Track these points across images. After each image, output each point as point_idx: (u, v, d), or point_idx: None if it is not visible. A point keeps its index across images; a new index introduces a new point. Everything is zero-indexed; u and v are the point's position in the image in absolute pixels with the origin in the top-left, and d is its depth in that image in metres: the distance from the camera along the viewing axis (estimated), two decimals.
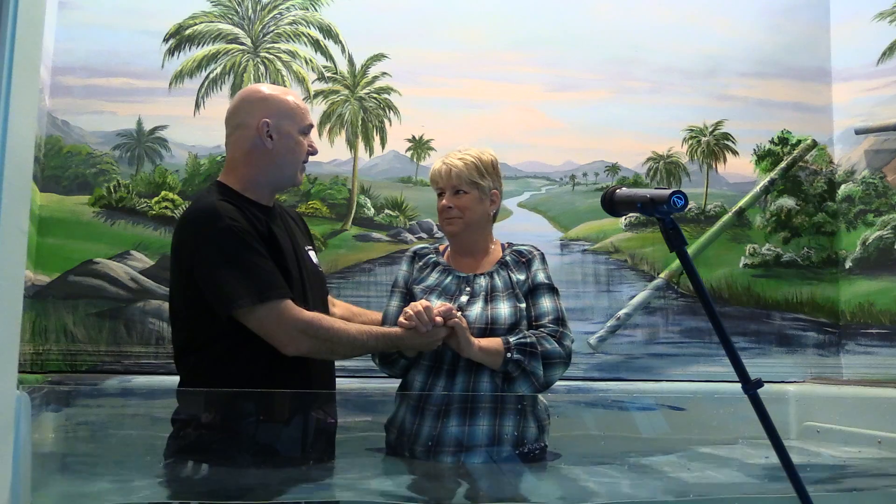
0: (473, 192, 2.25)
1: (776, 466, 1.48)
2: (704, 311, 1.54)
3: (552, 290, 2.25)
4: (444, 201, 2.26)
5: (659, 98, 3.62)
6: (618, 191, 1.64)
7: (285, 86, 3.43)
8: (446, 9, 3.56)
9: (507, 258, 2.29)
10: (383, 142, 3.50)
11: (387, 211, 3.48)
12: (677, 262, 1.94)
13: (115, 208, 3.30)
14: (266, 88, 2.15)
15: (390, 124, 3.51)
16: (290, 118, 2.10)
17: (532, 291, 2.23)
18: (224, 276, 1.91)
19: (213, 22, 3.44)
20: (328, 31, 3.49)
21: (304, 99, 3.41)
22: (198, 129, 3.38)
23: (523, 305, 2.19)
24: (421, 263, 2.34)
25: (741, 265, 3.59)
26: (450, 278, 2.26)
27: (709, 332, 3.33)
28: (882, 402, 2.89)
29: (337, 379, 2.23)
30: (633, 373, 3.42)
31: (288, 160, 2.10)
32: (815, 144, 3.67)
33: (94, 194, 3.29)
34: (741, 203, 3.63)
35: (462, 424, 2.07)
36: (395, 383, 2.50)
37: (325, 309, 2.18)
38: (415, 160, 3.52)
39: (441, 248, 2.39)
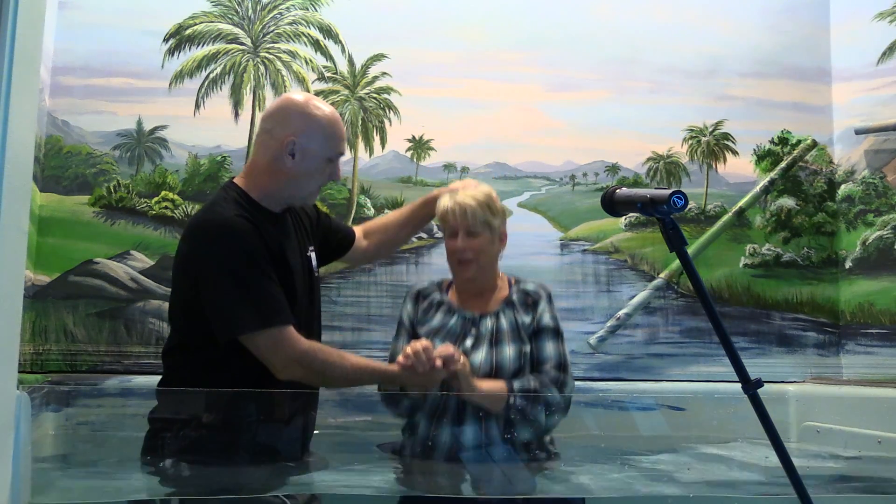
0: (486, 233, 2.21)
1: (776, 466, 1.49)
2: (704, 311, 1.54)
3: (557, 333, 2.22)
4: (458, 243, 2.20)
5: (659, 98, 3.62)
6: (618, 191, 1.64)
7: (285, 86, 3.44)
8: (446, 9, 3.56)
9: (514, 297, 2.26)
10: (383, 142, 3.51)
11: (387, 211, 3.48)
12: (677, 262, 1.94)
13: (115, 208, 3.30)
14: (305, 102, 2.10)
15: (390, 124, 3.51)
16: (320, 142, 2.05)
17: (536, 334, 2.20)
18: (228, 299, 1.91)
19: (213, 22, 3.44)
20: (328, 31, 3.49)
21: None
22: (198, 129, 3.38)
23: (528, 348, 2.18)
24: (425, 304, 2.30)
25: (741, 265, 3.59)
26: (455, 319, 2.24)
27: (709, 332, 3.33)
28: (882, 402, 2.89)
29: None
30: (633, 373, 3.42)
31: (304, 182, 2.08)
32: (815, 144, 3.67)
33: (94, 194, 3.29)
34: (741, 203, 3.63)
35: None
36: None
37: (318, 315, 2.18)
38: (415, 160, 3.52)
39: (445, 284, 2.35)
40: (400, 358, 2.00)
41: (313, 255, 2.22)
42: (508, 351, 2.15)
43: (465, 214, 2.18)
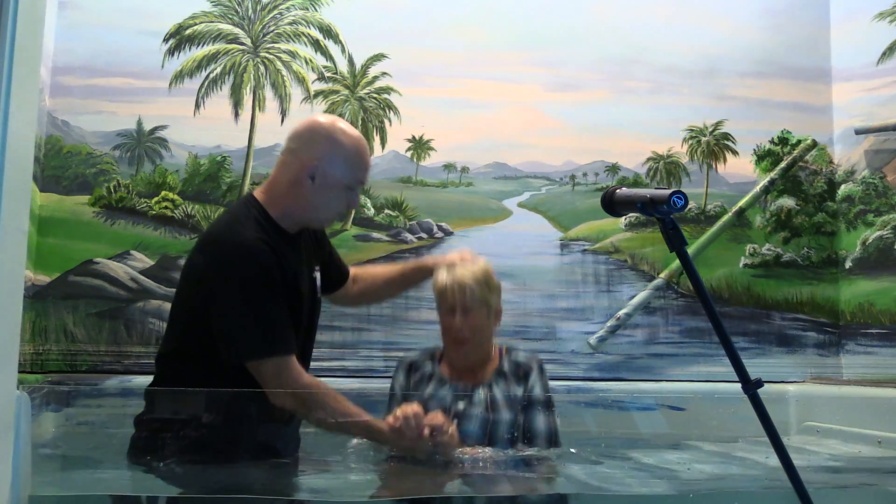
0: (483, 310, 2.19)
1: (776, 466, 1.48)
2: (704, 311, 1.53)
3: (548, 405, 2.20)
4: (456, 322, 2.17)
5: (659, 98, 3.62)
6: (618, 191, 1.64)
7: (285, 86, 3.44)
8: (446, 9, 3.56)
9: (505, 367, 2.25)
10: (383, 142, 3.51)
11: (387, 211, 3.49)
12: (677, 262, 1.94)
13: (115, 208, 3.30)
14: (332, 127, 2.07)
15: (390, 124, 3.51)
16: (342, 168, 2.04)
17: (528, 406, 2.19)
18: (240, 323, 1.91)
19: (213, 22, 3.44)
20: (328, 31, 3.49)
21: (303, 99, 3.44)
22: (198, 129, 3.38)
23: (520, 419, 2.16)
24: (417, 376, 2.28)
25: (741, 265, 3.59)
26: (446, 390, 2.21)
27: (709, 332, 3.33)
28: (882, 402, 2.89)
29: (337, 379, 2.24)
30: (633, 373, 3.42)
31: (321, 207, 2.07)
32: (815, 144, 3.67)
33: (94, 194, 3.29)
34: (741, 203, 3.63)
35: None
36: None
37: (314, 335, 2.19)
38: (415, 160, 3.52)
39: (437, 354, 2.32)
40: (390, 419, 1.97)
41: (318, 275, 2.21)
42: (501, 423, 2.15)
43: (464, 293, 2.16)
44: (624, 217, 3.52)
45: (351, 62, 3.50)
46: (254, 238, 1.95)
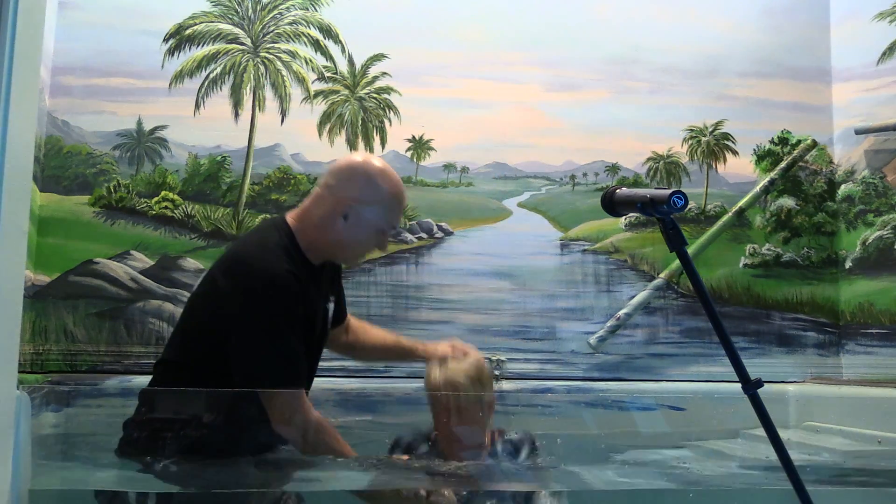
0: (476, 407, 2.18)
1: (776, 466, 1.49)
2: (704, 311, 1.54)
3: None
4: (450, 422, 2.16)
5: (659, 98, 3.62)
6: (618, 191, 1.64)
7: (285, 86, 3.44)
8: (446, 9, 3.56)
9: (498, 448, 2.24)
10: (383, 142, 3.51)
11: None
12: (677, 262, 1.94)
13: (115, 208, 3.30)
14: (373, 168, 2.05)
15: (390, 124, 3.51)
16: (376, 213, 2.03)
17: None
18: (258, 353, 1.91)
19: (213, 22, 3.44)
20: (328, 31, 3.49)
21: (303, 99, 3.44)
22: (198, 129, 3.38)
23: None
24: (415, 451, 2.26)
25: (741, 265, 3.59)
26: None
27: (709, 332, 3.31)
28: (882, 402, 2.89)
29: (337, 379, 2.24)
30: (633, 373, 3.42)
31: (349, 247, 2.07)
32: (815, 144, 3.67)
33: (94, 194, 3.29)
34: (741, 203, 3.63)
35: None
36: (395, 383, 2.51)
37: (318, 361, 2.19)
38: (415, 160, 3.52)
39: (431, 436, 2.27)
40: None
41: (331, 307, 2.20)
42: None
43: (458, 395, 2.16)
44: (624, 217, 3.52)
45: (351, 62, 3.50)
46: (283, 269, 1.93)
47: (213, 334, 1.94)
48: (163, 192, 3.34)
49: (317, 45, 3.49)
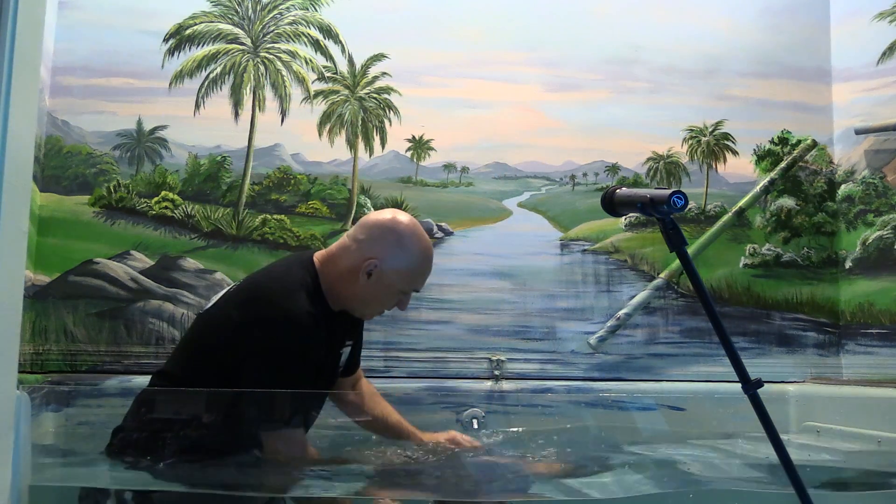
0: None
1: (776, 466, 1.49)
2: (704, 311, 1.54)
3: None
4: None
5: (659, 98, 3.62)
6: (618, 191, 1.64)
7: (285, 86, 3.44)
8: (446, 9, 3.56)
9: None
10: (383, 142, 3.51)
11: None
12: (677, 262, 1.94)
13: (115, 208, 3.30)
14: (405, 230, 2.04)
15: (390, 124, 3.51)
16: (401, 275, 2.03)
17: None
18: (265, 386, 1.90)
19: (213, 22, 3.44)
20: (328, 31, 3.49)
21: (303, 99, 3.44)
22: (198, 129, 3.38)
23: None
24: None
25: (741, 265, 3.59)
26: None
27: (709, 332, 3.32)
28: (882, 402, 2.89)
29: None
30: (633, 373, 3.42)
31: (368, 302, 2.06)
32: (815, 144, 3.67)
33: (94, 194, 3.29)
34: (741, 203, 3.63)
35: None
36: (395, 383, 2.50)
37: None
38: (415, 160, 3.52)
39: None
40: None
41: (346, 353, 2.19)
42: None
43: None
44: (624, 217, 3.52)
45: (351, 62, 3.50)
46: (304, 309, 1.93)
47: (223, 359, 1.94)
48: (163, 192, 3.34)
49: (317, 45, 3.49)
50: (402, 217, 2.10)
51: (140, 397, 2.08)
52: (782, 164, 3.64)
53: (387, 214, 2.10)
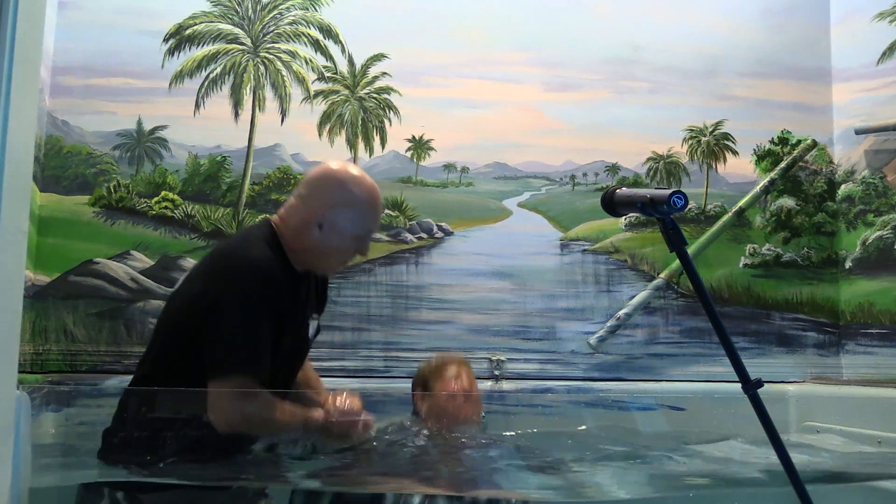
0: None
1: (776, 466, 1.49)
2: (704, 311, 1.54)
3: None
4: (463, 381, 2.37)
5: (659, 98, 3.62)
6: (618, 191, 1.64)
7: (285, 86, 3.43)
8: (446, 9, 3.56)
9: None
10: (383, 142, 3.50)
11: (387, 211, 3.48)
12: (677, 262, 1.94)
13: (115, 208, 3.30)
14: (346, 175, 2.06)
15: (390, 124, 3.51)
16: (351, 219, 2.03)
17: None
18: (226, 330, 1.89)
19: (213, 22, 3.43)
20: (328, 31, 3.49)
21: (303, 99, 3.44)
22: (198, 129, 3.38)
23: None
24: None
25: (741, 265, 3.59)
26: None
27: (709, 332, 3.31)
28: (882, 402, 2.89)
29: (337, 379, 2.23)
30: (633, 373, 3.42)
31: (327, 255, 2.06)
32: (815, 144, 3.67)
33: (94, 194, 3.29)
34: (741, 203, 3.63)
35: None
36: (395, 383, 2.49)
37: (290, 381, 2.17)
38: (415, 160, 3.52)
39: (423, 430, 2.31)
40: (328, 405, 1.99)
41: (315, 324, 2.19)
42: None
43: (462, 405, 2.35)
44: (624, 217, 3.52)
45: (351, 62, 3.50)
46: (264, 257, 1.94)
47: (191, 324, 1.93)
48: (163, 192, 3.34)
49: (317, 45, 3.49)
50: (340, 165, 2.15)
51: (123, 397, 2.08)
52: (782, 164, 3.64)
53: (325, 166, 2.13)
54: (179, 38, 3.40)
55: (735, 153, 3.65)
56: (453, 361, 2.43)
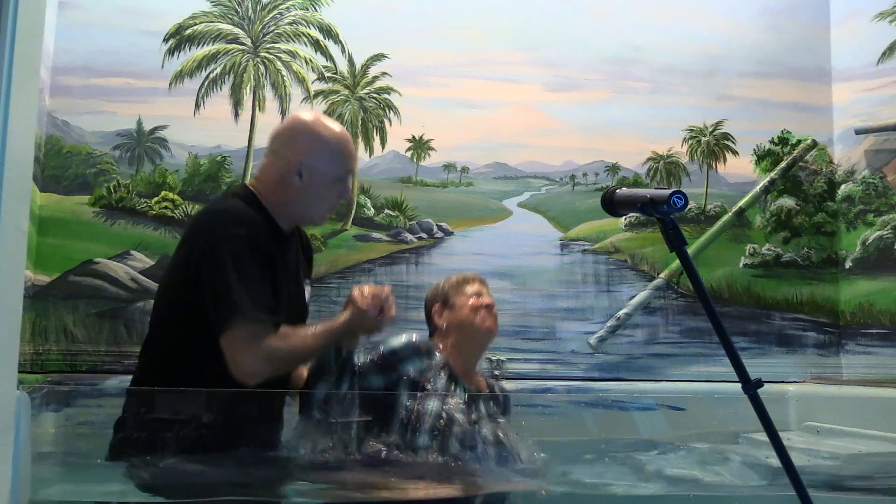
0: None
1: (776, 466, 1.48)
2: (704, 311, 1.53)
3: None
4: (486, 299, 2.33)
5: (659, 98, 3.62)
6: (618, 191, 1.64)
7: (285, 86, 3.44)
8: (446, 9, 3.56)
9: (495, 388, 2.33)
10: (383, 142, 3.51)
11: (387, 211, 3.49)
12: (677, 262, 1.93)
13: (115, 208, 3.30)
14: (314, 121, 2.07)
15: (390, 124, 3.51)
16: (328, 161, 2.02)
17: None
18: (227, 284, 1.85)
19: (213, 22, 3.44)
20: (328, 31, 3.49)
21: (303, 99, 3.44)
22: (198, 129, 3.38)
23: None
24: (428, 363, 2.22)
25: (741, 265, 3.59)
26: (460, 390, 2.20)
27: (709, 332, 3.30)
28: (882, 402, 2.89)
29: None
30: (633, 373, 3.42)
31: (313, 202, 2.05)
32: (815, 144, 3.67)
33: (94, 194, 3.29)
34: (741, 203, 3.63)
35: None
36: None
37: None
38: (415, 160, 3.52)
39: (440, 346, 2.28)
40: (359, 297, 1.98)
41: (308, 289, 2.17)
42: (509, 436, 2.16)
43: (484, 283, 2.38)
44: (624, 217, 3.52)
45: (351, 62, 3.50)
46: (243, 209, 1.94)
47: (186, 287, 1.91)
48: (163, 192, 3.34)
49: (317, 45, 3.49)
50: (307, 112, 2.18)
51: (128, 390, 2.07)
52: (782, 164, 3.64)
53: (291, 117, 2.15)
54: (179, 38, 3.40)
55: (735, 153, 3.65)
56: (475, 279, 2.39)
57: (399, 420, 2.06)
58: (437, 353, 2.23)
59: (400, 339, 2.24)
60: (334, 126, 2.08)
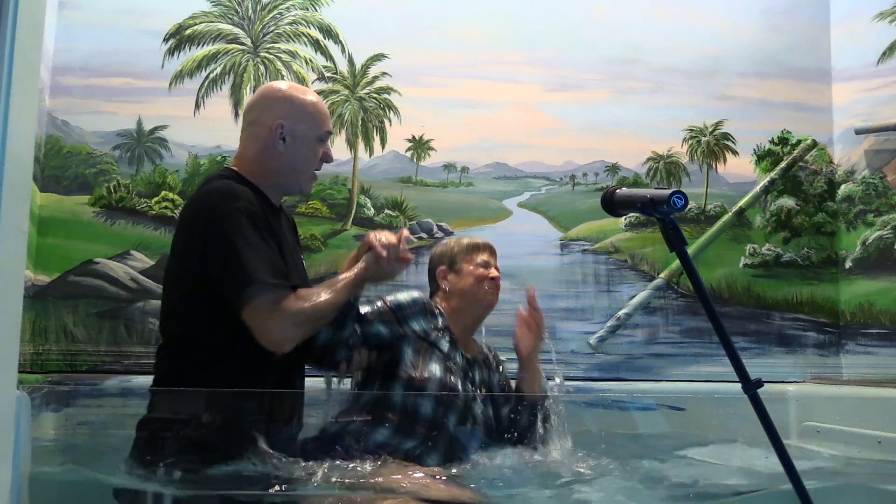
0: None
1: (776, 466, 1.48)
2: (704, 311, 1.54)
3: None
4: (493, 271, 2.27)
5: (659, 98, 3.62)
6: (618, 191, 1.64)
7: None
8: (446, 9, 3.56)
9: (488, 354, 2.36)
10: (383, 142, 3.51)
11: (387, 211, 3.49)
12: (677, 262, 1.93)
13: (115, 208, 3.30)
14: (287, 87, 2.11)
15: (390, 124, 3.51)
16: (307, 122, 2.04)
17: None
18: (236, 257, 1.83)
19: (213, 22, 3.44)
20: (328, 31, 3.49)
21: None
22: (198, 129, 3.38)
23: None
24: (433, 323, 2.21)
25: (741, 265, 3.59)
26: (458, 356, 2.21)
27: (709, 332, 3.32)
28: (882, 402, 2.89)
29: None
30: (633, 373, 3.42)
31: (298, 166, 2.05)
32: (815, 144, 3.67)
33: (94, 194, 3.29)
34: (741, 203, 3.63)
35: None
36: None
37: None
38: (415, 160, 3.52)
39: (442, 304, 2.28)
40: (376, 243, 1.98)
41: (303, 263, 2.19)
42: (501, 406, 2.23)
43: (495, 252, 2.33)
44: (624, 217, 3.52)
45: (351, 62, 3.50)
46: (229, 184, 1.95)
47: (197, 274, 1.88)
48: (163, 192, 3.34)
49: (317, 45, 3.49)
50: (274, 83, 2.22)
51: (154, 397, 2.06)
52: (782, 164, 3.64)
53: (261, 89, 2.17)
54: (179, 38, 3.40)
55: (735, 153, 3.65)
56: (486, 247, 2.30)
57: (401, 381, 2.06)
58: (440, 316, 2.23)
59: (408, 295, 2.23)
60: (304, 88, 2.14)
